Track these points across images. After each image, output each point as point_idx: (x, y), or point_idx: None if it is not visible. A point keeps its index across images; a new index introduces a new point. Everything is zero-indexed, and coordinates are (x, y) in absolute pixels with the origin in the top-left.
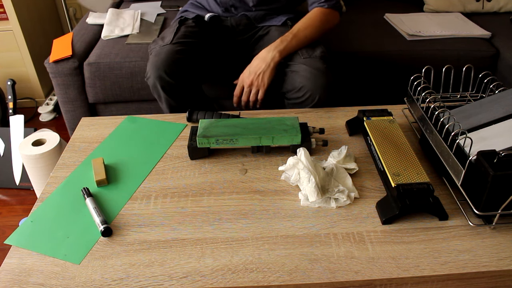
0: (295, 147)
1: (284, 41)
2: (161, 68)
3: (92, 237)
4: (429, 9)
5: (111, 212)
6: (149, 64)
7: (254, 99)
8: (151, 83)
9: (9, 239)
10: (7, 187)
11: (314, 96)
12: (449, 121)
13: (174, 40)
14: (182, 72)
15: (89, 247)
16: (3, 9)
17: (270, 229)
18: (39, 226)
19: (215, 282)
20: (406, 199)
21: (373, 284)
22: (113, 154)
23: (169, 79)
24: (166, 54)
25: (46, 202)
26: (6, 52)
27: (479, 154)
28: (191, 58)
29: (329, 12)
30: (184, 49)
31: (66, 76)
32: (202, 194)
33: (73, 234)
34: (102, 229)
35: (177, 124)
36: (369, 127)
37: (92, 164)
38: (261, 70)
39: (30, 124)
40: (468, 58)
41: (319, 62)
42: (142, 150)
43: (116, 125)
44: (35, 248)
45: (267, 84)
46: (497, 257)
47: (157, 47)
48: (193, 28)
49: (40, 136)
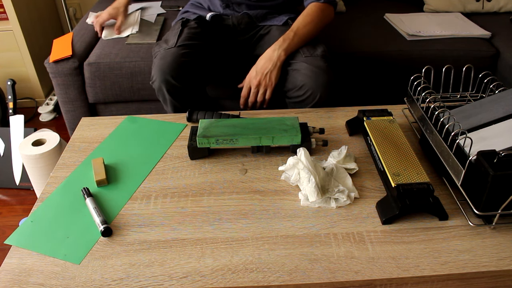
0: (295, 147)
1: (287, 40)
2: (167, 72)
3: (92, 237)
4: (429, 9)
5: (111, 212)
6: (155, 67)
7: (262, 99)
8: (156, 86)
9: (9, 239)
10: (7, 187)
11: (315, 95)
12: (449, 121)
13: (178, 42)
14: (188, 75)
15: (89, 247)
16: (3, 9)
17: (270, 229)
18: (39, 226)
19: (215, 282)
20: (406, 199)
21: (373, 284)
22: (113, 154)
23: (175, 82)
24: (171, 57)
25: (46, 202)
26: (6, 52)
27: (479, 154)
28: (196, 60)
29: (325, 7)
30: (189, 52)
31: (66, 76)
32: (202, 194)
33: (73, 234)
34: (102, 229)
35: (177, 124)
36: (369, 127)
37: (92, 164)
38: (268, 70)
39: (30, 124)
40: (468, 58)
41: (320, 60)
42: (142, 150)
43: (116, 125)
44: (35, 248)
45: (274, 83)
46: (497, 257)
47: (162, 50)
48: (196, 29)
49: (40, 136)
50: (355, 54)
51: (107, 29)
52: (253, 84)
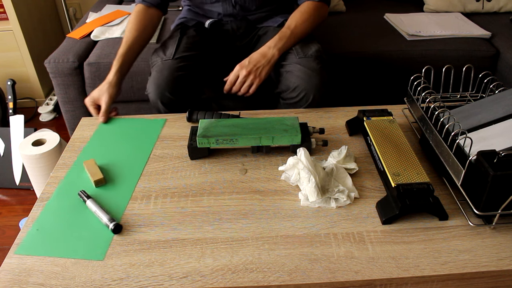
0: (295, 147)
1: (283, 38)
2: (163, 86)
3: (106, 233)
4: (429, 9)
5: (114, 212)
6: (151, 80)
7: (246, 91)
8: (152, 99)
9: (18, 250)
10: (7, 187)
11: (308, 96)
12: (449, 121)
13: (176, 54)
14: (184, 89)
15: (108, 243)
16: (3, 9)
17: (270, 229)
18: (46, 232)
19: (215, 282)
20: (406, 199)
21: (373, 284)
22: (100, 156)
23: (171, 96)
24: (168, 70)
25: (46, 208)
26: (6, 52)
27: (479, 154)
28: (193, 73)
29: (320, 5)
30: (186, 65)
31: (66, 76)
32: (202, 194)
33: (86, 235)
34: (112, 227)
35: (156, 120)
36: (369, 127)
37: (85, 166)
38: (260, 64)
39: (30, 124)
40: (468, 58)
41: (313, 62)
42: (128, 149)
43: None
44: (49, 253)
45: (263, 78)
46: (497, 257)
47: (159, 61)
48: (195, 37)
49: (40, 136)
50: (355, 54)
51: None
52: (241, 74)
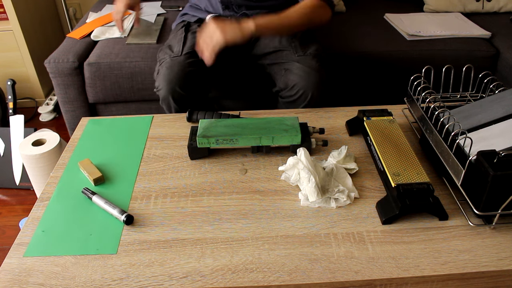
0: (295, 147)
1: (266, 18)
2: (175, 82)
3: (116, 227)
4: (429, 9)
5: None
6: (161, 76)
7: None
8: (162, 96)
9: (27, 253)
10: (7, 187)
11: (307, 94)
12: (449, 121)
13: (184, 50)
14: (194, 84)
15: (119, 236)
16: (3, 9)
17: (270, 229)
18: (53, 232)
19: (215, 282)
20: (406, 199)
21: (373, 284)
22: (92, 157)
23: (181, 91)
24: (178, 67)
25: (48, 210)
26: (6, 52)
27: (479, 154)
28: (201, 68)
29: (322, 5)
30: (195, 61)
31: (66, 76)
32: (202, 194)
33: (95, 230)
34: (124, 219)
35: (143, 117)
36: (369, 127)
37: (80, 166)
38: (230, 29)
39: (30, 124)
40: (468, 58)
41: (312, 60)
42: (119, 149)
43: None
44: (60, 252)
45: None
46: (497, 257)
47: (168, 58)
48: None
49: (40, 136)
50: (355, 54)
51: (98, 29)
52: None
